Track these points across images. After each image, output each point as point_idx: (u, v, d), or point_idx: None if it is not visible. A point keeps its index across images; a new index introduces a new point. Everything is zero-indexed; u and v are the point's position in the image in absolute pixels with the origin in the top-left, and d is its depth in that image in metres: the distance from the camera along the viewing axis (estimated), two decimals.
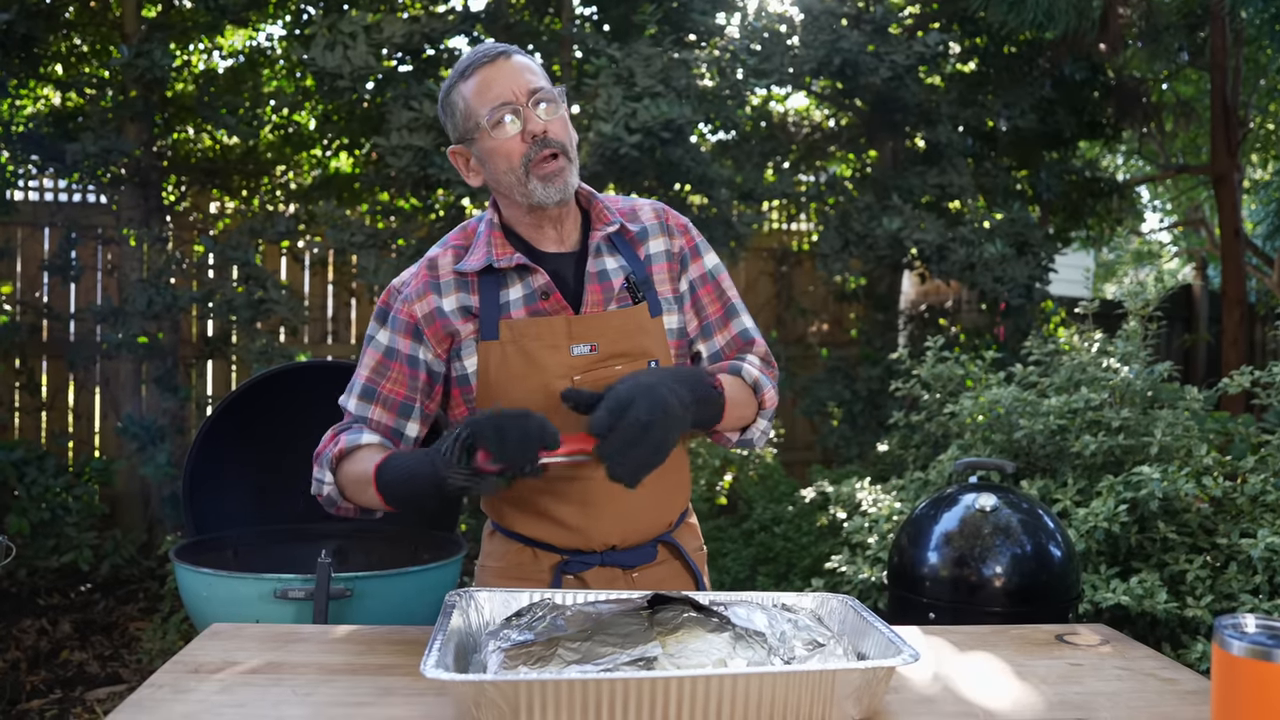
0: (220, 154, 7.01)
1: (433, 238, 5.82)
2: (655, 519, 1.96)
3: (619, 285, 1.90)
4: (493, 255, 1.85)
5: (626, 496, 1.81)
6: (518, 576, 1.95)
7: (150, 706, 1.38)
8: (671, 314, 1.96)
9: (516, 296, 1.86)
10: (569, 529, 1.89)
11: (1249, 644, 1.17)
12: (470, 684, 1.27)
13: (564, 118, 1.86)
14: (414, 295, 1.90)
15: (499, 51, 1.84)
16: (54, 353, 6.46)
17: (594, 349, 1.84)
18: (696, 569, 2.02)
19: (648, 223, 1.98)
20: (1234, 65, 8.13)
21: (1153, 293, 3.76)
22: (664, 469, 1.81)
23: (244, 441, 2.98)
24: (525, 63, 1.85)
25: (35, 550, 5.29)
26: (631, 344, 1.88)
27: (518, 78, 1.82)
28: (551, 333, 1.84)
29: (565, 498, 1.88)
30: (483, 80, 1.82)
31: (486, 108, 1.81)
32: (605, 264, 1.92)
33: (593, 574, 1.93)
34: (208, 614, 2.50)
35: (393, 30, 5.21)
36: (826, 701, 1.35)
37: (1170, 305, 6.27)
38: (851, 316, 7.93)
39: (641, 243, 1.96)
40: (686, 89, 5.57)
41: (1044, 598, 2.47)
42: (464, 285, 1.88)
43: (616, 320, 1.87)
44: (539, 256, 1.90)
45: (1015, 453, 3.62)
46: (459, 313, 1.87)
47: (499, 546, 2.00)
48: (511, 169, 1.82)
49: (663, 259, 1.97)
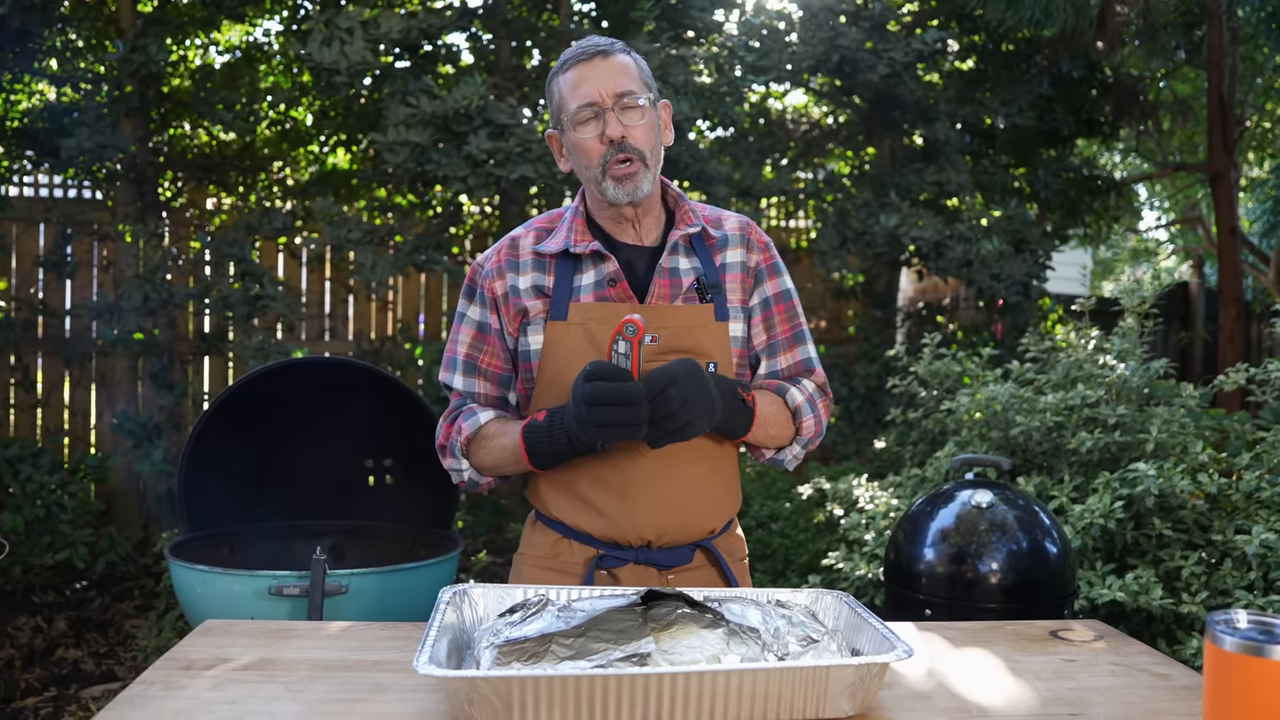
0: (217, 150, 6.99)
1: (430, 234, 5.83)
2: (695, 520, 1.96)
3: (688, 284, 1.95)
4: (570, 240, 1.93)
5: (665, 490, 1.89)
6: (553, 568, 1.98)
7: (141, 703, 1.38)
8: (737, 322, 2.00)
9: (588, 282, 1.93)
10: (606, 517, 1.91)
11: (1241, 639, 1.17)
12: (463, 680, 1.27)
13: (650, 123, 1.91)
14: (494, 273, 1.98)
15: (597, 50, 1.90)
16: (49, 349, 6.44)
17: (655, 339, 1.89)
18: (734, 579, 2.01)
19: (730, 232, 2.03)
20: (1231, 63, 8.13)
21: (1149, 290, 3.75)
22: (707, 471, 1.94)
23: (240, 438, 2.98)
24: (621, 63, 1.91)
25: (30, 547, 5.28)
26: (694, 341, 1.92)
27: (608, 79, 1.88)
28: (617, 318, 1.86)
29: (605, 484, 1.91)
30: (576, 76, 1.89)
31: (574, 105, 1.89)
32: (679, 262, 1.97)
33: (627, 571, 1.94)
34: (203, 611, 2.50)
35: (390, 26, 5.20)
36: (820, 697, 1.34)
37: (1167, 303, 6.28)
38: (849, 313, 7.93)
39: (720, 250, 2.01)
40: (685, 85, 5.57)
41: (1040, 594, 2.47)
42: (541, 266, 1.96)
43: (681, 315, 1.92)
44: (615, 246, 1.96)
45: (1012, 449, 3.62)
46: (532, 291, 1.94)
47: (538, 537, 2.03)
48: (590, 166, 1.90)
49: (737, 269, 2.01)
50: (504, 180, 5.18)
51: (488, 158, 5.11)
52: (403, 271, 5.70)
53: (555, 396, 1.90)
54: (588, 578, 1.92)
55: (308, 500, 3.13)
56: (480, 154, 5.05)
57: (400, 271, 5.57)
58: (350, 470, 3.27)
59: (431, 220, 6.07)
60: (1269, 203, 9.45)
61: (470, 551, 5.73)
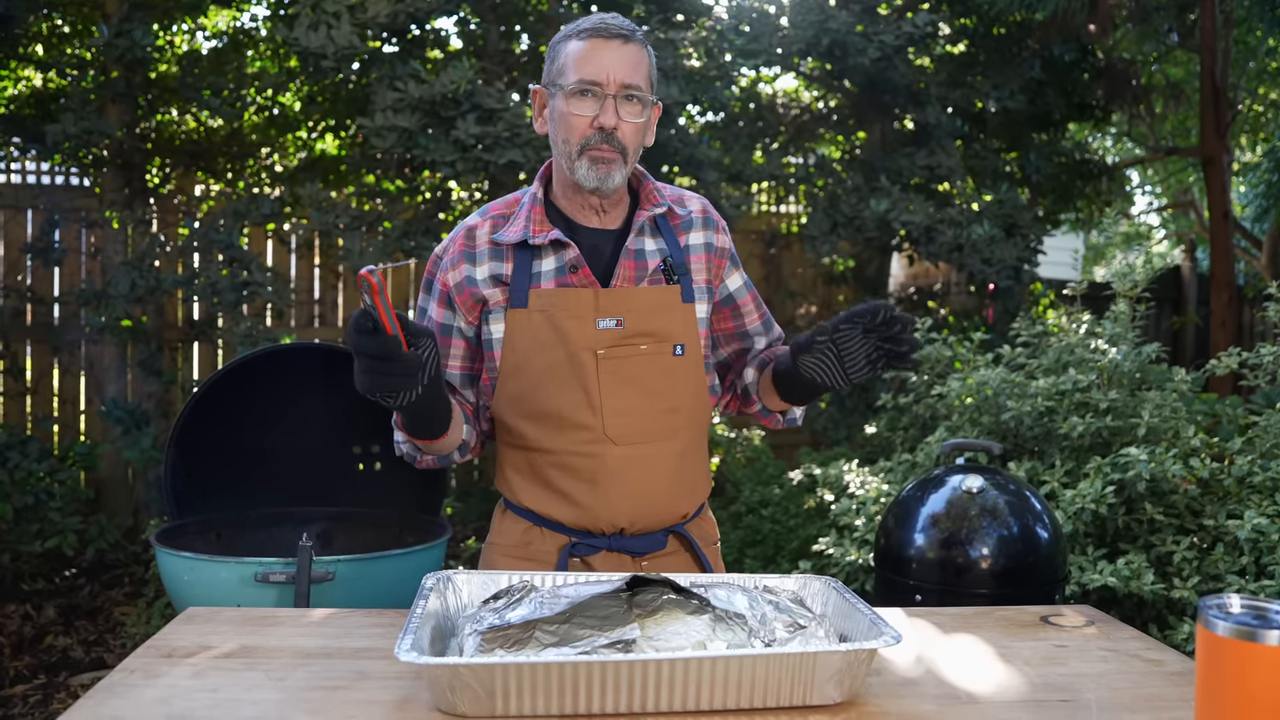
0: (204, 136, 6.94)
1: (419, 219, 5.79)
2: (667, 507, 1.94)
3: (654, 266, 1.92)
4: (529, 231, 1.88)
5: (636, 477, 1.88)
6: (524, 556, 1.95)
7: (122, 691, 1.36)
8: (703, 303, 1.98)
9: (548, 269, 1.88)
10: (577, 506, 1.89)
11: (1234, 624, 1.16)
12: (445, 667, 1.25)
13: (643, 122, 1.87)
14: (449, 264, 1.93)
15: (619, 32, 1.84)
16: (38, 336, 6.41)
17: (620, 324, 1.86)
18: (708, 563, 1.99)
19: (694, 213, 2.01)
20: (1224, 47, 8.12)
21: (1141, 275, 3.74)
22: (678, 456, 1.92)
23: (228, 424, 2.95)
24: (637, 55, 1.85)
25: (19, 535, 5.26)
26: (659, 324, 1.89)
27: (620, 66, 1.82)
28: (578, 304, 1.85)
29: (575, 473, 1.88)
30: (590, 48, 1.83)
31: (577, 75, 1.83)
32: (645, 244, 1.94)
33: (600, 558, 1.92)
34: (189, 598, 2.48)
35: (377, 10, 5.15)
36: (807, 684, 1.33)
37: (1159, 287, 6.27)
38: (840, 299, 7.91)
39: (685, 231, 1.99)
40: (674, 70, 5.53)
41: (1031, 579, 2.46)
42: (498, 255, 1.91)
43: (646, 297, 1.89)
44: (576, 230, 1.92)
45: (1003, 434, 3.61)
46: (490, 281, 1.90)
47: (508, 525, 2.00)
48: (568, 140, 1.85)
49: (701, 250, 1.99)
50: (492, 165, 5.14)
51: (476, 142, 5.07)
52: (391, 257, 5.67)
53: (518, 385, 1.89)
54: (560, 565, 1.90)
55: (295, 487, 3.11)
56: (469, 139, 5.02)
57: (389, 258, 5.54)
58: (338, 457, 3.25)
59: (420, 205, 6.03)
60: (1261, 187, 9.44)
61: (459, 538, 5.72)
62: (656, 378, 1.89)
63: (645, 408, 1.88)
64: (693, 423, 1.96)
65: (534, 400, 1.88)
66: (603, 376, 1.85)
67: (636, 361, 1.87)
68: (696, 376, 1.94)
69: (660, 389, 1.89)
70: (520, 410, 1.90)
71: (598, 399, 1.85)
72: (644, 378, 1.88)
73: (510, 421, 1.92)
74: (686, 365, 1.92)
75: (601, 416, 1.86)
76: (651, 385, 1.88)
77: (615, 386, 1.86)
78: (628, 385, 1.87)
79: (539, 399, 1.88)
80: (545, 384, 1.87)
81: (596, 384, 1.85)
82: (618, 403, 1.86)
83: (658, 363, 1.89)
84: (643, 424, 1.88)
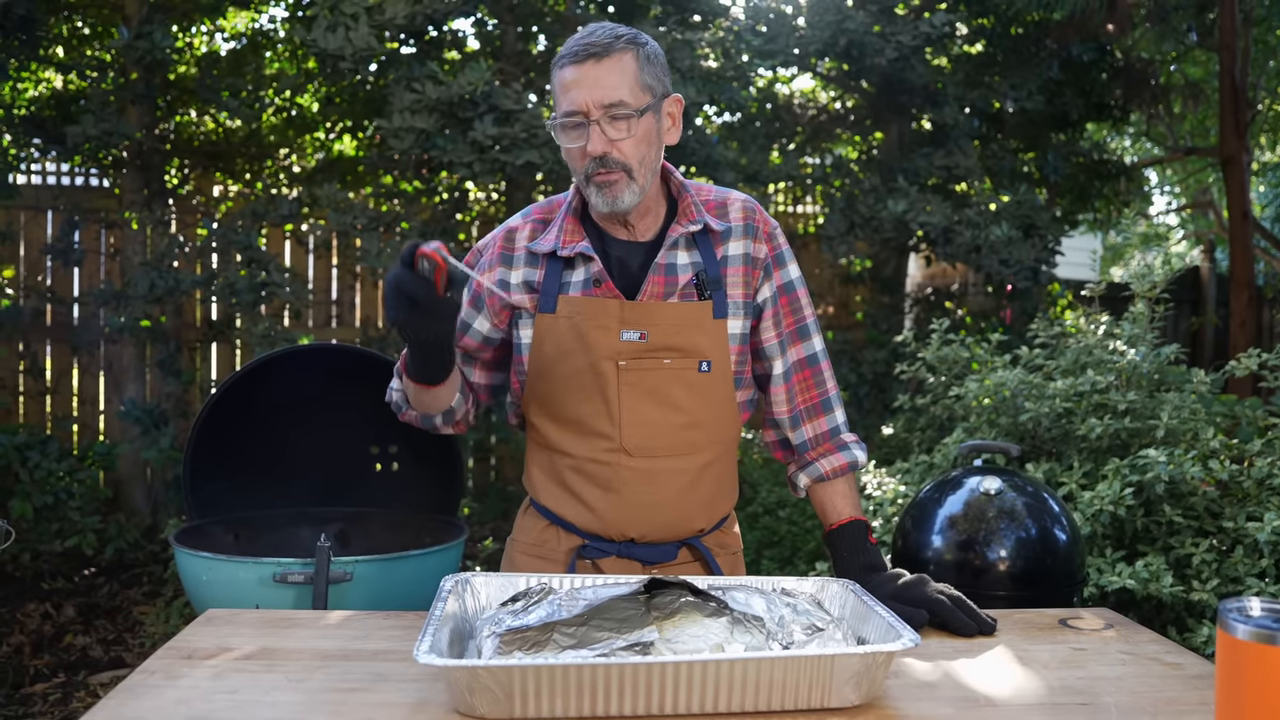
0: (223, 137, 6.99)
1: (436, 220, 5.81)
2: (679, 521, 1.94)
3: (685, 280, 1.89)
4: (559, 242, 1.89)
5: (650, 490, 1.89)
6: (539, 555, 1.98)
7: (142, 692, 1.37)
8: (737, 318, 1.93)
9: (578, 280, 1.90)
10: (590, 511, 1.90)
11: (1254, 627, 1.15)
12: (464, 670, 1.26)
13: (642, 133, 1.82)
14: (486, 265, 1.98)
15: (591, 52, 1.78)
16: (57, 336, 6.46)
17: (643, 336, 1.85)
18: (719, 572, 1.97)
19: (734, 223, 1.95)
20: (1243, 46, 8.05)
21: (1160, 275, 3.72)
22: (698, 474, 1.92)
23: (246, 425, 2.97)
24: (615, 68, 1.78)
25: (39, 534, 5.30)
26: (684, 339, 1.87)
27: (597, 88, 1.77)
28: (604, 314, 1.85)
29: (592, 479, 1.90)
30: (568, 78, 1.80)
31: (561, 109, 1.82)
32: (677, 258, 1.90)
33: (609, 563, 1.93)
34: (207, 598, 2.50)
35: (395, 11, 5.17)
36: (825, 687, 1.33)
37: (1177, 288, 6.24)
38: (857, 299, 7.90)
39: (722, 242, 1.94)
40: (691, 70, 5.53)
41: (1049, 582, 2.45)
42: (533, 261, 1.93)
43: (672, 312, 1.86)
44: (608, 241, 1.92)
45: (1021, 436, 3.59)
46: (523, 286, 1.93)
47: (529, 523, 2.04)
48: (575, 171, 1.87)
49: (739, 262, 1.94)
50: (510, 166, 5.16)
51: (493, 143, 5.09)
52: None
53: (545, 388, 1.90)
54: (570, 567, 1.92)
55: (313, 487, 3.12)
56: (486, 140, 5.03)
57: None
58: (356, 457, 3.26)
59: (437, 206, 6.05)
60: None
61: (476, 538, 5.73)
62: (678, 392, 1.87)
63: (664, 422, 1.87)
64: (716, 439, 1.94)
65: (557, 405, 1.90)
66: (623, 388, 1.85)
67: (658, 375, 1.86)
68: (723, 393, 1.92)
69: (681, 404, 1.88)
70: (546, 413, 1.93)
71: (616, 409, 1.86)
72: (665, 392, 1.87)
73: (536, 421, 1.95)
74: (713, 381, 1.90)
75: (620, 427, 1.86)
76: (672, 400, 1.87)
77: (635, 398, 1.86)
78: (648, 398, 1.86)
79: (562, 404, 1.89)
80: (568, 390, 1.88)
81: (616, 394, 1.85)
82: (636, 415, 1.86)
83: (681, 378, 1.87)
84: (660, 438, 1.87)
